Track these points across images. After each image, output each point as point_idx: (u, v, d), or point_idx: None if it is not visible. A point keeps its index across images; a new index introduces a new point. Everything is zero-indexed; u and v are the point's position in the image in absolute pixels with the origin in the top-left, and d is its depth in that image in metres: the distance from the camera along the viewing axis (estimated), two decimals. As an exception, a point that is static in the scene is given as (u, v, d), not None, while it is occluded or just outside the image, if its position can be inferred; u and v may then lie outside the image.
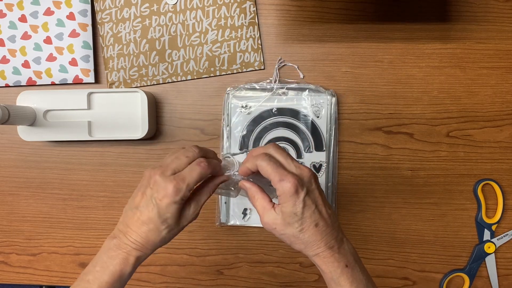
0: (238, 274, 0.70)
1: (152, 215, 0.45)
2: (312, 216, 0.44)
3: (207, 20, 0.67)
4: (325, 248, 0.45)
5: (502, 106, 0.66)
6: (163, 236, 0.46)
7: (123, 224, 0.47)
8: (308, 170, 0.45)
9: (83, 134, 0.65)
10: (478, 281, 0.68)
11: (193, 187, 0.45)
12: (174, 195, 0.44)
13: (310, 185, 0.45)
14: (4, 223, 0.71)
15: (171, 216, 0.45)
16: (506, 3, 0.65)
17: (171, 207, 0.45)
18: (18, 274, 0.72)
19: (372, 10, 0.66)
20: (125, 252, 0.46)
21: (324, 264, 0.45)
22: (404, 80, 0.67)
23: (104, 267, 0.46)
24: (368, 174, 0.68)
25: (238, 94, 0.67)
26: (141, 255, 0.46)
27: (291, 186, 0.43)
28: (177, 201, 0.45)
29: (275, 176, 0.44)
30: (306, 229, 0.44)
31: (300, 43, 0.67)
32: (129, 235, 0.46)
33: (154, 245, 0.46)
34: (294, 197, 0.43)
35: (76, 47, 0.67)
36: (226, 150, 0.67)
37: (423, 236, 0.68)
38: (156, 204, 0.45)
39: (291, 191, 0.43)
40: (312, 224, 0.44)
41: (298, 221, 0.44)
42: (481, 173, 0.67)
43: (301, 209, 0.44)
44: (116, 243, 0.47)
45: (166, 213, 0.45)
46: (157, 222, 0.45)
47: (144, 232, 0.46)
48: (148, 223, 0.45)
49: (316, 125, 0.66)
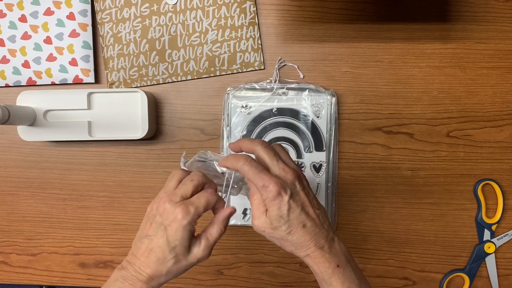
0: (238, 274, 0.70)
1: (161, 242, 0.44)
2: (298, 218, 0.44)
3: (207, 20, 0.67)
4: (315, 249, 0.45)
5: (502, 106, 0.66)
6: (169, 267, 0.45)
7: (132, 255, 0.46)
8: (292, 171, 0.45)
9: (83, 134, 0.65)
10: (478, 281, 0.68)
11: (202, 212, 0.45)
12: (182, 219, 0.44)
13: (293, 187, 0.45)
14: (4, 223, 0.71)
15: (180, 243, 0.44)
16: (506, 3, 0.65)
17: (179, 232, 0.44)
18: (18, 274, 0.72)
19: (372, 10, 0.66)
20: (131, 285, 0.45)
21: (315, 264, 0.45)
22: (404, 80, 0.67)
23: None
24: (368, 174, 0.68)
25: (238, 94, 0.67)
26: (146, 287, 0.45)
27: (273, 191, 0.43)
28: (186, 225, 0.44)
29: (257, 182, 0.44)
30: (294, 231, 0.44)
31: (300, 43, 0.67)
32: (136, 266, 0.45)
33: (160, 276, 0.45)
34: (278, 200, 0.44)
35: (76, 47, 0.67)
36: (226, 150, 0.67)
37: (423, 236, 0.68)
38: (165, 230, 0.44)
39: (274, 195, 0.43)
40: (299, 226, 0.44)
41: (285, 224, 0.44)
42: (481, 173, 0.67)
43: (287, 212, 0.44)
44: (123, 275, 0.46)
45: (175, 240, 0.44)
46: (166, 249, 0.44)
47: (151, 261, 0.45)
48: (156, 251, 0.45)
49: (316, 125, 0.66)
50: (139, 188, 0.70)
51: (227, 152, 0.67)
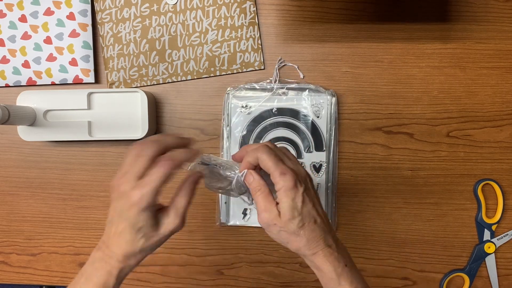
0: (238, 274, 0.70)
1: (125, 226, 0.44)
2: (310, 212, 0.44)
3: (207, 20, 0.67)
4: (324, 246, 0.45)
5: (502, 106, 0.66)
6: (141, 246, 0.44)
7: (106, 235, 0.46)
8: (304, 170, 0.47)
9: (83, 134, 0.65)
10: (478, 281, 0.68)
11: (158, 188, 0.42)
12: (139, 203, 0.42)
13: (306, 182, 0.45)
14: (4, 223, 0.71)
15: (145, 224, 0.43)
16: (506, 3, 0.65)
17: (141, 215, 0.43)
18: (18, 274, 0.72)
19: (372, 10, 0.66)
20: (108, 264, 0.45)
21: (323, 263, 0.44)
22: (404, 80, 0.67)
23: (89, 278, 0.45)
24: (368, 174, 0.68)
25: (238, 94, 0.67)
26: (123, 266, 0.45)
27: (291, 180, 0.43)
28: (145, 208, 0.42)
29: (276, 169, 0.44)
30: (306, 225, 0.44)
31: (300, 43, 0.67)
32: (110, 248, 0.45)
33: (135, 255, 0.45)
34: (293, 191, 0.44)
35: (76, 47, 0.67)
36: (226, 150, 0.67)
37: (423, 236, 0.68)
38: (126, 216, 0.43)
39: (291, 184, 0.43)
40: (311, 220, 0.44)
41: (298, 216, 0.44)
42: (481, 173, 0.67)
43: (301, 203, 0.44)
44: (100, 256, 0.46)
45: (138, 223, 0.43)
46: (132, 232, 0.44)
47: (122, 244, 0.44)
48: (123, 235, 0.44)
49: (316, 125, 0.66)
50: (139, 188, 0.69)
51: (227, 153, 0.67)
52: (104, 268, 0.45)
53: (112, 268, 0.45)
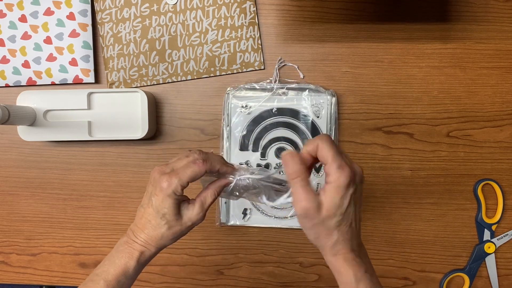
0: (238, 274, 0.70)
1: (152, 210, 0.47)
2: (351, 215, 0.43)
3: (207, 20, 0.67)
4: (349, 250, 0.44)
5: (502, 106, 0.66)
6: (163, 232, 0.48)
7: (134, 223, 0.50)
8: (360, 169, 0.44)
9: (83, 134, 0.65)
10: (478, 281, 0.68)
11: (185, 182, 0.46)
12: (166, 189, 0.46)
13: (360, 184, 0.44)
14: (4, 223, 0.71)
15: (168, 211, 0.47)
16: (506, 3, 0.65)
17: (165, 201, 0.46)
18: (18, 274, 0.72)
19: (372, 10, 0.66)
20: (130, 247, 0.48)
21: (344, 266, 0.44)
22: (404, 80, 0.67)
23: (111, 261, 0.48)
24: (368, 174, 0.67)
25: (238, 94, 0.67)
26: (144, 250, 0.48)
27: (346, 177, 0.41)
28: (170, 195, 0.46)
29: (335, 161, 0.42)
30: (343, 226, 0.43)
31: (300, 43, 0.67)
32: (135, 232, 0.49)
33: (156, 241, 0.48)
34: (344, 189, 0.42)
35: (76, 47, 0.67)
36: (226, 150, 0.67)
37: (423, 236, 0.68)
38: (153, 200, 0.47)
39: (345, 182, 0.41)
40: (348, 222, 0.43)
41: (340, 215, 0.42)
42: (481, 173, 0.67)
43: (347, 204, 0.42)
44: (125, 240, 0.49)
45: (163, 208, 0.47)
46: (156, 217, 0.47)
47: (146, 228, 0.48)
48: (150, 219, 0.48)
49: (316, 125, 0.66)
50: (139, 188, 0.69)
51: (227, 153, 0.67)
52: (126, 251, 0.48)
53: (134, 250, 0.48)
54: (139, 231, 0.48)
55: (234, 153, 0.67)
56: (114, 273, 0.47)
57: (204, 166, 0.46)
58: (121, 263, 0.48)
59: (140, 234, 0.48)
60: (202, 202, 0.49)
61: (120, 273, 0.47)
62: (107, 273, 0.48)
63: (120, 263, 0.48)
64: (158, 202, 0.47)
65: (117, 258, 0.48)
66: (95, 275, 0.48)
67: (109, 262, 0.48)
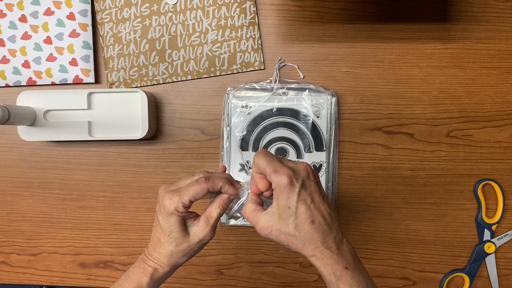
0: (238, 274, 0.70)
1: (160, 229, 0.48)
2: (307, 211, 0.42)
3: (207, 20, 0.67)
4: (323, 249, 0.43)
5: (502, 106, 0.66)
6: (172, 250, 0.48)
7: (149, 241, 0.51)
8: (305, 164, 0.44)
9: (83, 134, 0.65)
10: (478, 281, 0.68)
11: (187, 200, 0.46)
12: (168, 207, 0.46)
13: (306, 178, 0.43)
14: (4, 223, 0.71)
15: (174, 229, 0.47)
16: (506, 3, 0.65)
17: (169, 219, 0.47)
18: (18, 274, 0.72)
19: (372, 10, 0.66)
20: (145, 263, 0.49)
21: (322, 265, 0.43)
22: (404, 80, 0.67)
23: (127, 276, 0.50)
24: (368, 174, 0.68)
25: (238, 94, 0.67)
26: (157, 267, 0.49)
27: (285, 177, 0.42)
28: (173, 212, 0.46)
29: (269, 168, 0.43)
30: (302, 225, 0.42)
31: (300, 43, 0.67)
32: (149, 251, 0.50)
33: (167, 259, 0.48)
34: (287, 189, 0.42)
35: (76, 47, 0.67)
36: (226, 150, 0.67)
37: (423, 236, 0.68)
38: (159, 218, 0.48)
39: (285, 182, 0.42)
40: (307, 221, 0.42)
41: (291, 216, 0.42)
42: (481, 173, 0.67)
43: (295, 203, 0.42)
44: (141, 257, 0.50)
45: (168, 226, 0.47)
46: (164, 235, 0.48)
47: (158, 246, 0.49)
48: (159, 237, 0.49)
49: (316, 125, 0.66)
50: (139, 188, 0.70)
51: (227, 153, 0.67)
52: (141, 267, 0.49)
53: (147, 267, 0.49)
54: (152, 249, 0.49)
55: (234, 153, 0.67)
56: (128, 287, 0.48)
57: (206, 184, 0.47)
58: (136, 278, 0.49)
59: (153, 252, 0.49)
60: (207, 217, 0.48)
61: None
62: (122, 286, 0.49)
63: (134, 278, 0.49)
64: (163, 220, 0.47)
65: (132, 274, 0.49)
66: None
67: (125, 277, 0.50)
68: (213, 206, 0.49)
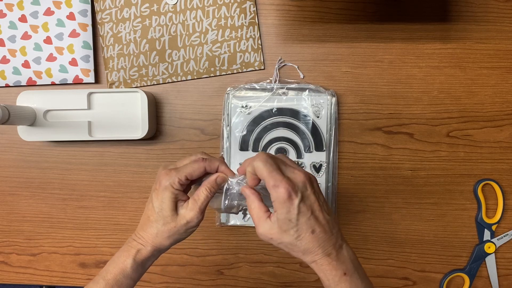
0: (238, 274, 0.70)
1: (151, 206, 0.48)
2: (307, 223, 0.43)
3: (207, 20, 0.67)
4: (322, 256, 0.44)
5: (502, 106, 0.66)
6: (158, 228, 0.48)
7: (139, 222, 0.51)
8: (304, 174, 0.44)
9: (83, 134, 0.65)
10: (478, 281, 0.68)
11: (183, 177, 0.46)
12: (164, 182, 0.47)
13: (305, 190, 0.43)
14: (4, 223, 0.71)
15: (165, 206, 0.47)
16: (506, 3, 0.65)
17: (163, 194, 0.47)
18: (18, 274, 0.72)
19: (372, 10, 0.66)
20: (129, 245, 0.49)
21: (321, 271, 0.44)
22: (404, 80, 0.67)
23: (113, 260, 0.49)
24: (368, 174, 0.68)
25: (238, 94, 0.67)
26: (140, 248, 0.49)
27: (284, 192, 0.42)
28: (167, 187, 0.46)
29: (269, 180, 0.43)
30: (303, 236, 0.43)
31: (300, 43, 0.67)
32: (137, 231, 0.50)
33: (152, 238, 0.48)
34: (287, 203, 0.42)
35: (76, 47, 0.67)
36: (226, 150, 0.67)
37: (423, 236, 0.68)
38: (153, 195, 0.48)
39: (284, 197, 0.42)
40: (308, 231, 0.43)
41: (293, 228, 0.43)
42: (481, 173, 0.67)
43: (296, 216, 0.43)
44: (128, 240, 0.50)
45: (161, 202, 0.47)
46: (154, 212, 0.48)
47: (145, 224, 0.49)
48: (149, 215, 0.49)
49: (316, 125, 0.66)
50: (139, 188, 0.70)
51: (227, 153, 0.67)
52: (125, 250, 0.49)
53: (131, 248, 0.49)
54: (140, 229, 0.49)
55: (234, 153, 0.67)
56: (113, 271, 0.48)
57: (203, 163, 0.48)
58: (120, 262, 0.48)
59: (140, 232, 0.49)
60: (195, 199, 0.48)
61: (119, 272, 0.48)
62: (106, 272, 0.48)
63: (119, 261, 0.48)
64: (156, 196, 0.48)
65: (117, 257, 0.49)
66: (98, 275, 0.49)
67: (110, 262, 0.49)
68: (201, 189, 0.48)
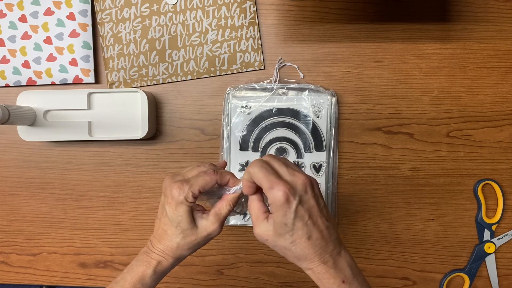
0: (238, 274, 0.70)
1: (167, 220, 0.48)
2: (304, 228, 0.41)
3: (207, 20, 0.67)
4: (319, 263, 0.42)
5: (502, 106, 0.66)
6: (178, 242, 0.47)
7: (152, 234, 0.50)
8: (304, 177, 0.42)
9: (83, 134, 0.65)
10: (478, 281, 0.68)
11: (196, 191, 0.46)
12: (177, 196, 0.46)
13: (304, 193, 0.42)
14: (4, 223, 0.71)
15: (182, 219, 0.47)
16: (506, 3, 0.65)
17: (178, 208, 0.46)
18: (18, 274, 0.72)
19: (372, 10, 0.66)
20: (148, 256, 0.49)
21: (318, 280, 0.43)
22: (404, 80, 0.67)
23: (130, 269, 0.49)
24: (368, 174, 0.68)
25: (238, 94, 0.67)
26: (161, 260, 0.48)
27: (281, 195, 0.40)
28: (182, 201, 0.46)
29: (265, 183, 0.41)
30: (298, 241, 0.42)
31: (300, 43, 0.67)
32: (153, 243, 0.49)
33: (173, 251, 0.48)
34: (284, 206, 0.41)
35: (76, 47, 0.67)
36: (226, 150, 0.67)
37: (423, 236, 0.68)
38: (167, 209, 0.47)
39: (282, 200, 0.40)
40: (304, 237, 0.42)
41: (288, 232, 0.42)
42: (481, 173, 0.67)
43: (292, 220, 0.41)
44: (144, 250, 0.50)
45: (177, 216, 0.47)
46: (171, 226, 0.47)
47: (163, 238, 0.48)
48: (165, 229, 0.48)
49: (316, 125, 0.66)
50: (139, 188, 0.70)
51: (227, 152, 0.67)
52: (144, 260, 0.49)
53: (151, 260, 0.48)
54: (156, 242, 0.49)
55: (234, 153, 0.67)
56: (131, 280, 0.48)
57: (215, 176, 0.47)
58: (139, 271, 0.48)
59: (157, 245, 0.48)
60: (217, 212, 0.48)
61: (137, 281, 0.48)
62: (124, 280, 0.48)
63: (137, 271, 0.48)
64: (171, 211, 0.46)
65: (135, 266, 0.49)
66: (114, 283, 0.49)
67: (127, 270, 0.49)
68: (224, 203, 0.48)
